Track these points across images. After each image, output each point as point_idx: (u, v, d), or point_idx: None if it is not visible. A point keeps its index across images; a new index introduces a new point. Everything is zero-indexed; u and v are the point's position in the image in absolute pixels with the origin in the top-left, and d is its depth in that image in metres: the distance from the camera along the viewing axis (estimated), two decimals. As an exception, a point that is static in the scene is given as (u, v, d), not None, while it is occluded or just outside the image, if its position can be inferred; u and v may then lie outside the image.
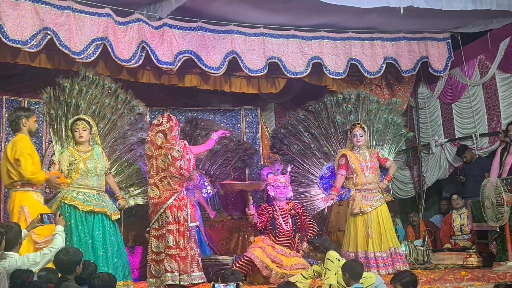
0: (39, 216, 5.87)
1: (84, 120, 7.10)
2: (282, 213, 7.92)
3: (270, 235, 7.83)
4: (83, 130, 7.03)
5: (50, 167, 7.15)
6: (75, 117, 7.11)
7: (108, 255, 6.80)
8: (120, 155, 7.67)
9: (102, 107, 7.49)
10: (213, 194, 9.61)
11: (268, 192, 8.11)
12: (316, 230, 7.89)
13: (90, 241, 6.74)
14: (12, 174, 6.24)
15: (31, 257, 5.24)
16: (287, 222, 7.88)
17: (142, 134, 7.83)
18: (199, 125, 9.71)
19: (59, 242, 5.53)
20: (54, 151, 7.40)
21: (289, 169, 8.32)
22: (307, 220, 8.01)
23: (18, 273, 4.85)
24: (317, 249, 6.33)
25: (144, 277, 7.47)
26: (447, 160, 10.66)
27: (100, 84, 7.56)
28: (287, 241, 7.82)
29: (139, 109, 7.95)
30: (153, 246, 7.10)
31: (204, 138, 9.41)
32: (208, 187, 9.48)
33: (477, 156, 9.96)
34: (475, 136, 10.09)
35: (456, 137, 10.53)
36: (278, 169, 8.28)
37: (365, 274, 5.92)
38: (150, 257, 7.15)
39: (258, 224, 7.87)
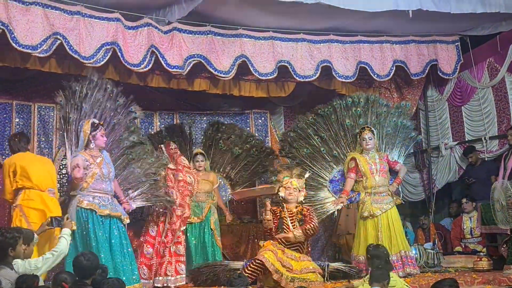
0: (49, 220, 5.90)
1: (103, 125, 7.06)
2: (290, 215, 7.89)
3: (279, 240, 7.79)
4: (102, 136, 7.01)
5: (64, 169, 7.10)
6: (95, 121, 7.01)
7: (126, 259, 6.78)
8: (115, 159, 7.47)
9: (103, 111, 7.38)
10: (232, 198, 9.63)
11: (279, 193, 8.05)
12: (315, 225, 7.75)
13: (107, 245, 6.69)
14: None
15: (32, 262, 5.20)
16: (294, 225, 7.82)
17: (134, 138, 7.70)
18: (220, 129, 9.75)
19: (63, 246, 5.51)
20: (64, 155, 7.38)
21: (306, 175, 8.28)
22: (310, 218, 7.84)
23: (23, 278, 4.80)
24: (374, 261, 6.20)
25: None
26: (456, 163, 10.62)
27: (103, 87, 7.44)
28: (296, 245, 7.78)
29: (135, 114, 7.82)
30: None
31: (226, 141, 9.43)
32: (228, 191, 9.52)
33: (481, 159, 10.02)
34: (484, 139, 10.07)
35: (466, 139, 10.49)
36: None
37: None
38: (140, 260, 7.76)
39: (273, 229, 7.81)
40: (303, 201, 8.13)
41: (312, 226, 7.72)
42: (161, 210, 7.87)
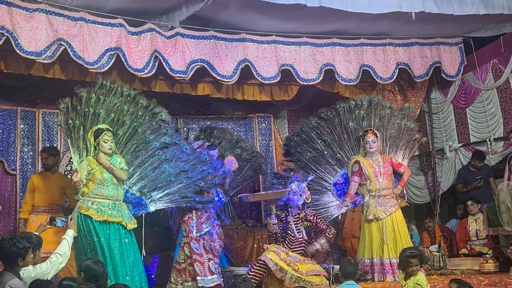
0: (48, 219, 5.94)
1: (111, 130, 6.99)
2: (295, 220, 7.90)
3: (284, 243, 7.80)
4: (112, 142, 6.96)
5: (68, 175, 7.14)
6: (100, 127, 6.96)
7: (126, 265, 6.72)
8: (143, 160, 7.46)
9: (121, 114, 7.34)
10: (227, 202, 9.60)
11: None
12: (333, 230, 7.94)
13: (107, 250, 6.67)
14: None
15: (44, 266, 5.25)
16: (299, 230, 7.86)
17: (165, 139, 7.66)
18: (213, 134, 9.74)
19: (65, 247, 5.56)
20: (68, 161, 7.38)
21: (310, 178, 8.29)
22: (323, 224, 7.94)
23: (37, 283, 4.85)
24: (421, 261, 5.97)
25: (160, 285, 7.88)
26: (461, 165, 10.61)
27: (118, 91, 7.43)
28: (300, 249, 7.79)
29: (161, 116, 7.77)
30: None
31: (218, 146, 9.41)
32: (221, 195, 9.48)
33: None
34: (489, 140, 10.06)
35: (471, 141, 10.49)
36: (296, 177, 8.25)
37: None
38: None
39: (278, 234, 7.82)
40: (306, 205, 8.13)
41: (333, 232, 7.95)
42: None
